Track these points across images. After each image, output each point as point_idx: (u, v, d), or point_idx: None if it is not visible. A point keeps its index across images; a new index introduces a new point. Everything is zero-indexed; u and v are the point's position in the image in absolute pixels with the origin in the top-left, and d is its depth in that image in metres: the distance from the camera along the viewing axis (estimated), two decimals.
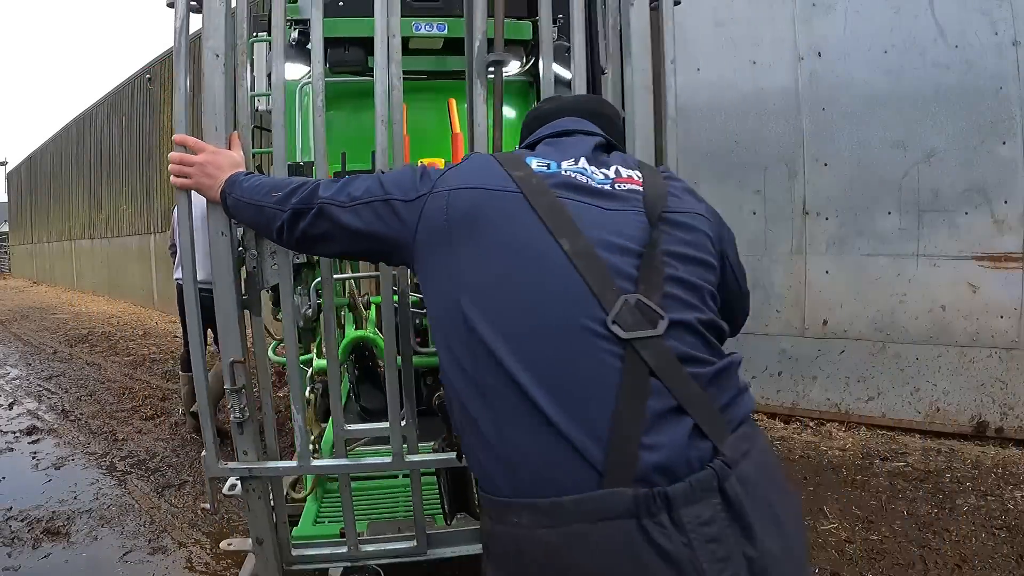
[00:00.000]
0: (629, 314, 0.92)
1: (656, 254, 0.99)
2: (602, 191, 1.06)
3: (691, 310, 0.99)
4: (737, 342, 4.76)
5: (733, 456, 0.91)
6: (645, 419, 0.89)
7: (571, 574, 0.87)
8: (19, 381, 6.43)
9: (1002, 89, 3.88)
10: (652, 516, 0.85)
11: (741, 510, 0.88)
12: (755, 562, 0.87)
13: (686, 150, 4.78)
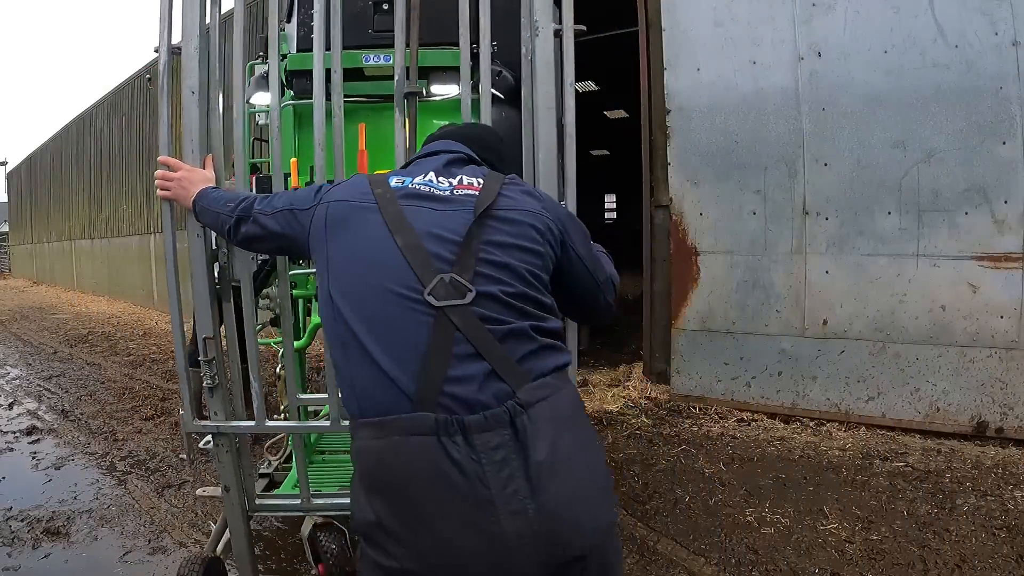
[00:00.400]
0: (443, 288, 1.23)
1: (474, 243, 1.29)
2: (441, 196, 1.37)
3: (497, 284, 1.26)
4: (736, 341, 4.74)
5: (528, 399, 1.18)
6: (449, 363, 1.18)
7: (393, 473, 1.18)
8: (19, 381, 6.43)
9: (1002, 89, 3.88)
10: (450, 436, 1.14)
11: (527, 442, 1.15)
12: (536, 484, 1.14)
13: (686, 150, 4.81)
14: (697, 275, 4.84)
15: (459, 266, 1.26)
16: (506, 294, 1.26)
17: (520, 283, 1.29)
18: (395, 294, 1.25)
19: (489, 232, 1.31)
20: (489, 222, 1.33)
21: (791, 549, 2.85)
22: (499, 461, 1.14)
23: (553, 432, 1.19)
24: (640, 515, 3.21)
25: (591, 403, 4.92)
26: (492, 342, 1.21)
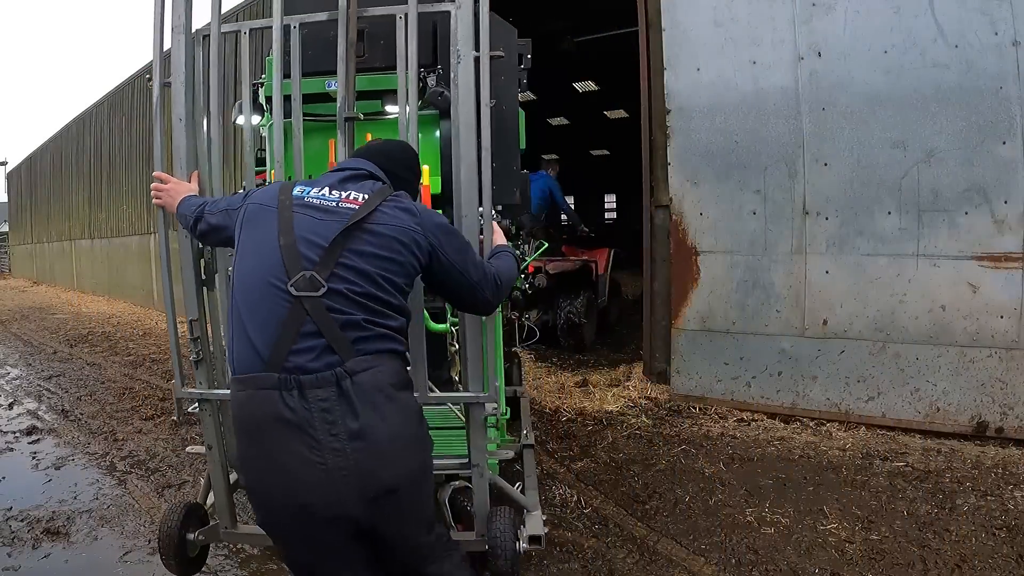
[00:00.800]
0: (303, 282, 1.57)
1: (337, 249, 1.61)
2: (326, 208, 1.68)
3: (347, 284, 1.59)
4: (736, 341, 4.76)
5: (353, 368, 1.54)
6: (295, 339, 1.54)
7: (249, 417, 1.57)
8: (19, 381, 6.43)
9: (1002, 89, 3.88)
10: (288, 391, 1.51)
11: (350, 399, 1.51)
12: (355, 431, 1.51)
13: (686, 150, 4.81)
14: (697, 275, 4.84)
15: (320, 266, 1.59)
16: (353, 292, 1.59)
17: (370, 285, 1.61)
18: (268, 283, 1.60)
19: (354, 241, 1.63)
20: (357, 233, 1.64)
21: (791, 549, 2.85)
22: (325, 411, 1.50)
23: (372, 394, 1.54)
24: (640, 515, 3.21)
25: (591, 403, 4.92)
26: (333, 326, 1.56)
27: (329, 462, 1.49)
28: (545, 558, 2.83)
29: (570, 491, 3.44)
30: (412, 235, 1.69)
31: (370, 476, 1.52)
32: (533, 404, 4.91)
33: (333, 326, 1.55)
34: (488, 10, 2.27)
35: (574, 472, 3.72)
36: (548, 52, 11.11)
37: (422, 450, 1.69)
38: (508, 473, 3.19)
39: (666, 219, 5.02)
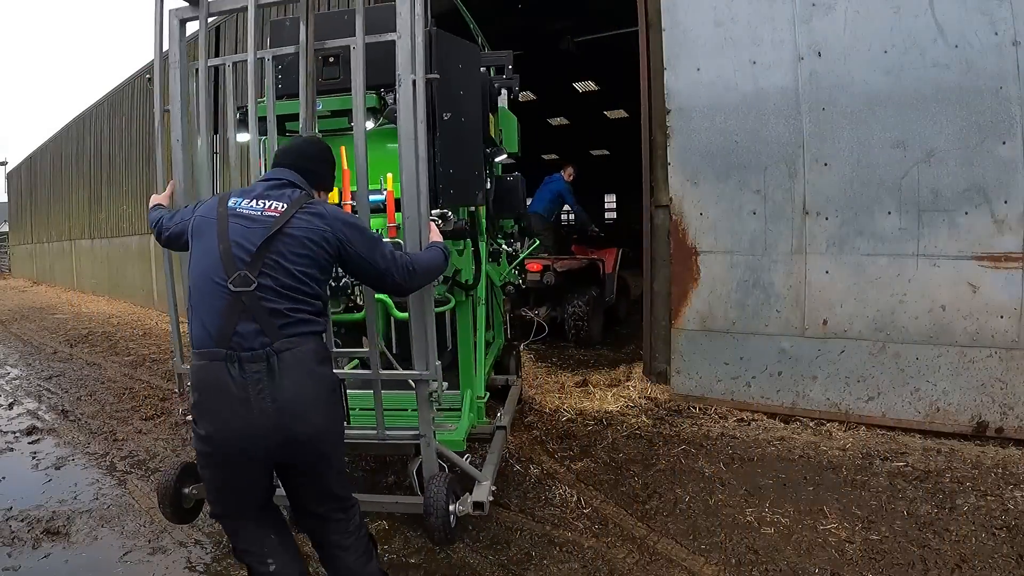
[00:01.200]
0: (239, 279, 1.98)
1: (263, 251, 2.01)
2: (253, 217, 2.07)
3: (272, 279, 1.99)
4: (736, 341, 4.80)
5: (279, 348, 1.96)
6: (236, 323, 1.96)
7: (202, 381, 1.98)
8: (19, 381, 6.43)
9: (1002, 89, 3.88)
10: (231, 363, 1.94)
11: (274, 372, 1.94)
12: (277, 396, 1.94)
13: (686, 150, 4.81)
14: (697, 275, 4.84)
15: (251, 266, 1.99)
16: (278, 285, 2.00)
17: (290, 279, 2.02)
18: (213, 281, 2.00)
19: (276, 244, 2.02)
20: (279, 237, 2.03)
21: (791, 549, 2.85)
22: (256, 379, 1.94)
23: (293, 368, 1.97)
24: (640, 515, 3.21)
25: (591, 403, 4.92)
26: (264, 313, 1.97)
27: (256, 416, 1.94)
28: (545, 558, 2.83)
29: (570, 491, 3.44)
30: (323, 235, 2.08)
31: (285, 429, 1.98)
32: (533, 403, 4.92)
33: (263, 314, 1.97)
34: (424, 41, 2.54)
35: (574, 472, 3.72)
36: (548, 52, 11.12)
37: (329, 414, 2.09)
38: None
39: (666, 219, 5.02)
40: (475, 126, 3.15)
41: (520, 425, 4.50)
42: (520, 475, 3.69)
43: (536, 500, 3.39)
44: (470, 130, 3.10)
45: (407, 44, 2.50)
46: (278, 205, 2.10)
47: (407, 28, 2.49)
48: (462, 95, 3.03)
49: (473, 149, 3.19)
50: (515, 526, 3.12)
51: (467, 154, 3.11)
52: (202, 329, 2.00)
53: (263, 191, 2.15)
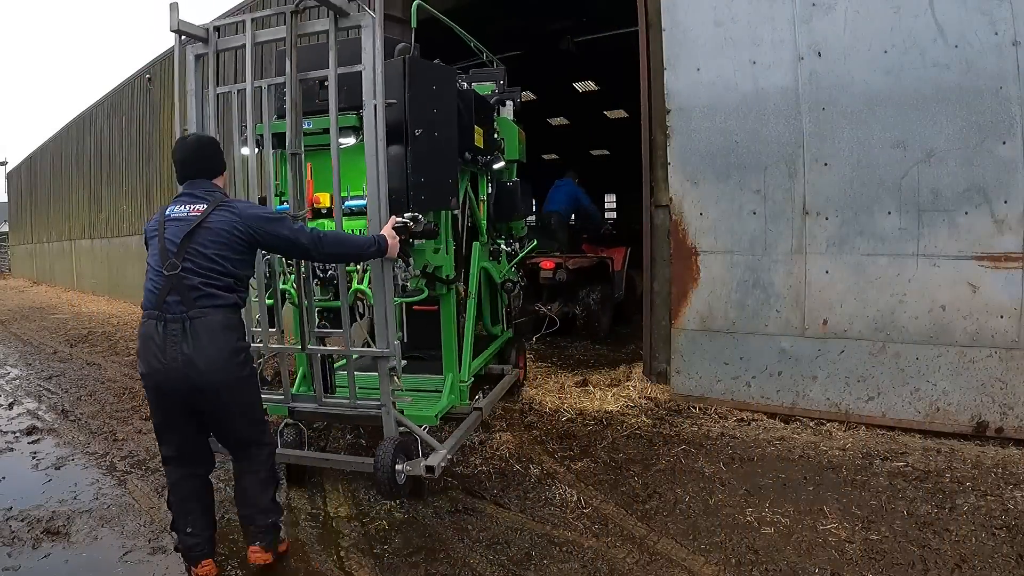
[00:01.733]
0: (170, 265, 2.55)
1: (186, 242, 2.58)
2: (180, 219, 2.64)
3: (193, 263, 2.56)
4: (736, 341, 4.82)
5: (192, 315, 2.52)
6: (167, 296, 2.54)
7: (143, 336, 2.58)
8: (19, 381, 6.43)
9: (1002, 89, 3.88)
10: (159, 322, 2.54)
11: (187, 332, 2.51)
12: (185, 352, 2.51)
13: (686, 150, 4.82)
14: (697, 275, 4.84)
15: (176, 255, 2.58)
16: (197, 267, 2.57)
17: (206, 262, 2.58)
18: (156, 269, 2.62)
19: (196, 237, 2.60)
20: (198, 231, 2.60)
21: (791, 549, 2.85)
22: (173, 336, 2.53)
23: (201, 331, 2.53)
24: (640, 515, 3.21)
25: (591, 403, 4.92)
26: (184, 289, 2.54)
27: (169, 367, 2.53)
28: (545, 558, 2.83)
29: (570, 491, 3.45)
30: (234, 225, 2.64)
31: (190, 380, 2.54)
32: (533, 403, 4.92)
33: (184, 289, 2.55)
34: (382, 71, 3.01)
35: (574, 472, 3.72)
36: (548, 52, 11.12)
37: (229, 371, 2.59)
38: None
39: (666, 219, 5.02)
40: (449, 140, 3.60)
41: (520, 425, 4.50)
42: (520, 475, 3.69)
43: (536, 500, 3.39)
44: (443, 143, 3.54)
45: (370, 75, 3.00)
46: (200, 206, 2.67)
47: (371, 61, 3.00)
48: (435, 112, 3.47)
49: (446, 160, 3.59)
50: (515, 526, 3.12)
51: (439, 165, 3.51)
52: (147, 299, 2.62)
53: (189, 199, 2.72)
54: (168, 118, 11.13)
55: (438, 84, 3.52)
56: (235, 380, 2.63)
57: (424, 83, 3.41)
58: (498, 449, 4.02)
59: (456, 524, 3.16)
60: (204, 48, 3.45)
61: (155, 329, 2.55)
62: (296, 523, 3.25)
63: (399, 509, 3.31)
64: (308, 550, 2.99)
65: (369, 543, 3.01)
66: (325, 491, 3.59)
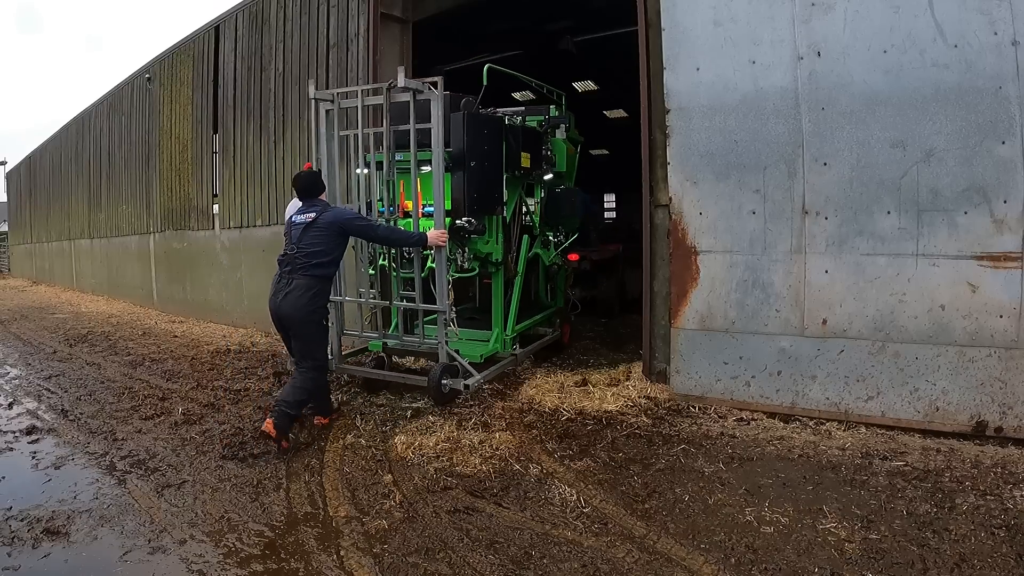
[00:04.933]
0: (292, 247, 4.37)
1: (303, 234, 4.33)
2: (298, 222, 4.39)
3: (305, 248, 4.30)
4: (736, 341, 4.84)
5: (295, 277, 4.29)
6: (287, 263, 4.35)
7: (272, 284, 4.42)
8: (19, 381, 6.43)
9: (1001, 89, 3.88)
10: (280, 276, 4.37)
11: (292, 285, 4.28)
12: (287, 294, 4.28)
13: (686, 149, 4.82)
14: (696, 274, 4.84)
15: (296, 242, 4.31)
16: (305, 250, 4.27)
17: (311, 247, 4.27)
18: (286, 252, 4.36)
19: (308, 232, 4.31)
20: (310, 228, 4.31)
21: (790, 548, 2.85)
22: (283, 285, 4.29)
23: (298, 286, 4.23)
24: (640, 514, 3.21)
25: (591, 403, 4.91)
26: (297, 261, 4.28)
27: (280, 302, 4.25)
28: (545, 557, 2.83)
29: (570, 490, 3.45)
30: (330, 222, 4.33)
31: (281, 311, 4.28)
32: (533, 403, 4.93)
33: (297, 261, 4.25)
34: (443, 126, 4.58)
35: (574, 471, 3.72)
36: (548, 52, 11.11)
37: (303, 314, 4.26)
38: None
39: (665, 219, 5.02)
40: (495, 167, 5.17)
41: (520, 425, 4.51)
42: (520, 475, 3.69)
43: (536, 499, 3.39)
44: (491, 170, 5.09)
45: (437, 130, 4.59)
46: (312, 214, 4.37)
47: (437, 121, 4.57)
48: (485, 149, 4.98)
49: (493, 182, 5.15)
50: (515, 525, 3.12)
51: (487, 185, 5.06)
52: (279, 264, 4.38)
53: (305, 209, 4.44)
54: (168, 118, 11.13)
55: (488, 129, 5.04)
56: (302, 319, 4.28)
57: (478, 130, 4.89)
58: (498, 449, 4.03)
59: (456, 523, 3.16)
60: (330, 106, 5.08)
61: (277, 280, 4.34)
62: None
63: (399, 508, 3.32)
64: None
65: (369, 542, 3.02)
66: (325, 491, 3.59)
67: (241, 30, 9.14)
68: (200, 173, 10.27)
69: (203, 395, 5.52)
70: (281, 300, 4.24)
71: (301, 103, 8.09)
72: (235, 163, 9.29)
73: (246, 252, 9.22)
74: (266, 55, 8.67)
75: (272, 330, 5.76)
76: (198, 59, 10.26)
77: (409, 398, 5.16)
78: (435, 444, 4.11)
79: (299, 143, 8.15)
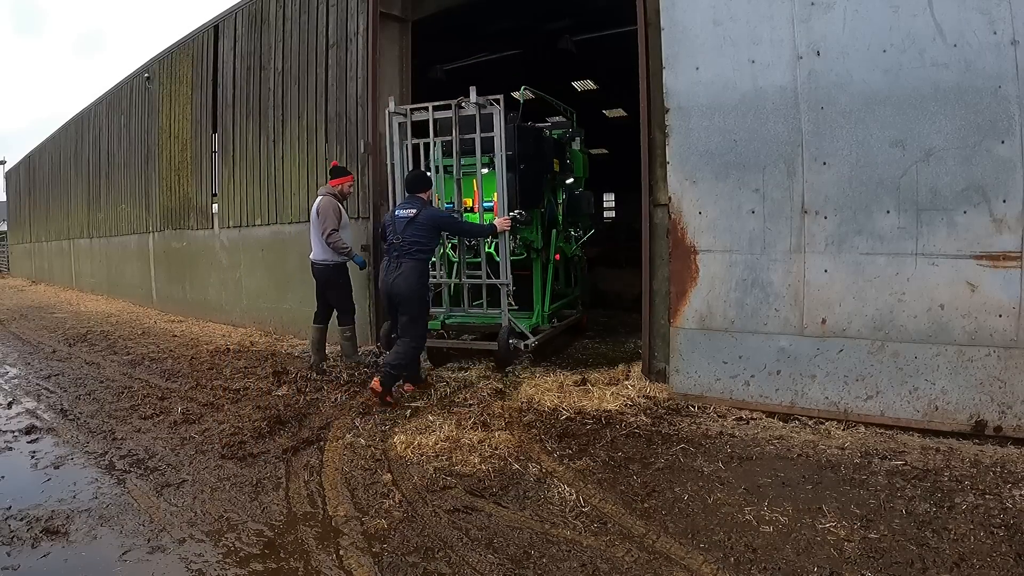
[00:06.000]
0: (399, 237, 5.28)
1: (407, 227, 5.25)
2: (401, 217, 5.33)
3: (409, 237, 5.23)
4: (735, 340, 4.85)
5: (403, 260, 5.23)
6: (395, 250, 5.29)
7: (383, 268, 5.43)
8: (18, 380, 6.42)
9: (1000, 88, 3.88)
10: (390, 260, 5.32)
11: (400, 267, 5.23)
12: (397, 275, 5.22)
13: (685, 149, 4.82)
14: (696, 274, 4.84)
15: (401, 233, 5.24)
16: (410, 238, 5.21)
17: (414, 238, 5.22)
18: (390, 240, 5.32)
19: (411, 225, 5.23)
20: (412, 223, 5.23)
21: (790, 547, 2.85)
22: (397, 268, 5.21)
23: (407, 268, 5.18)
24: (639, 513, 3.21)
25: (590, 402, 4.92)
26: (404, 247, 5.21)
27: (390, 277, 5.21)
28: (544, 556, 2.84)
29: (569, 490, 3.45)
30: (428, 219, 5.25)
31: (393, 288, 5.20)
32: (532, 402, 4.94)
33: (404, 247, 5.20)
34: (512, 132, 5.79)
35: (573, 471, 3.72)
36: (547, 51, 11.11)
37: (411, 291, 5.15)
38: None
39: (665, 218, 5.02)
40: (538, 170, 6.35)
41: (519, 424, 4.51)
42: (519, 474, 3.70)
43: (535, 499, 3.39)
44: (535, 171, 6.25)
45: (499, 139, 5.59)
46: (413, 210, 5.24)
47: (498, 131, 5.58)
48: (531, 154, 6.13)
49: (536, 181, 6.36)
50: (514, 525, 3.12)
51: (533, 183, 6.23)
52: (387, 252, 5.30)
53: (406, 203, 5.37)
54: (167, 117, 11.13)
55: (533, 138, 6.29)
56: (408, 297, 5.17)
57: (526, 139, 6.09)
58: (497, 448, 4.03)
59: (455, 523, 3.16)
60: (404, 119, 6.05)
61: (387, 264, 5.29)
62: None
63: (398, 508, 3.32)
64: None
65: (368, 542, 3.02)
66: (324, 490, 3.59)
67: (240, 29, 9.14)
68: (199, 172, 10.27)
69: (202, 394, 5.52)
70: (392, 280, 5.16)
71: (300, 102, 8.09)
72: (234, 162, 9.29)
73: (245, 251, 9.22)
74: (265, 54, 8.67)
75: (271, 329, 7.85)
76: (197, 58, 10.26)
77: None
78: (434, 443, 4.11)
79: (299, 142, 8.15)
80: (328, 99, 7.69)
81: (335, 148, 7.60)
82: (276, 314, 8.48)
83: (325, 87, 7.72)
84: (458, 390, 5.42)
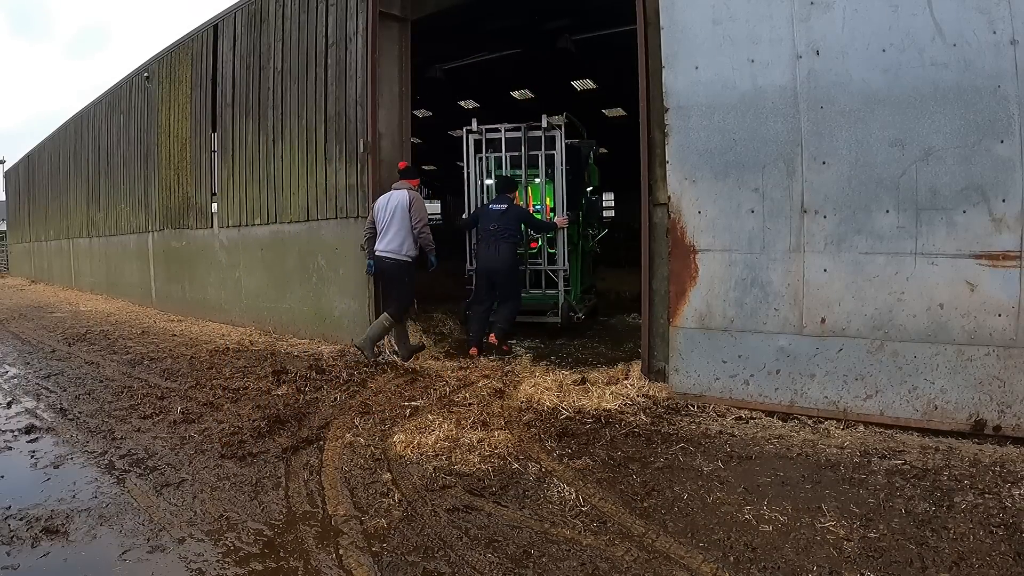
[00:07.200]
0: (494, 225, 6.98)
1: (501, 217, 6.99)
2: (494, 210, 7.09)
3: (502, 226, 6.96)
4: (735, 339, 4.85)
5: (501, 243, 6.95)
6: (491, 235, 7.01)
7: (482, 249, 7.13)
8: (17, 380, 6.42)
9: (1000, 88, 3.88)
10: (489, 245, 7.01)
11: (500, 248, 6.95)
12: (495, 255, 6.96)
13: (684, 148, 4.82)
14: (695, 273, 4.84)
15: (496, 222, 6.95)
16: (503, 228, 6.94)
17: (507, 226, 6.96)
18: (487, 228, 7.02)
19: (504, 216, 6.97)
20: (504, 215, 6.97)
21: (789, 547, 2.86)
22: (497, 249, 6.92)
23: (504, 250, 6.92)
24: (639, 513, 3.22)
25: (590, 401, 4.92)
26: (500, 234, 6.92)
27: (492, 260, 6.90)
28: (544, 556, 2.84)
29: (568, 489, 3.45)
30: (516, 214, 7.09)
31: (493, 266, 6.92)
32: (532, 401, 4.94)
33: (500, 233, 6.88)
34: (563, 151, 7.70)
35: (573, 470, 3.73)
36: (546, 50, 11.11)
37: (508, 268, 6.93)
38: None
39: (664, 217, 5.02)
40: (581, 178, 8.37)
41: (518, 423, 4.51)
42: (519, 473, 3.70)
43: (535, 498, 3.39)
44: (579, 180, 8.22)
45: (559, 155, 7.64)
46: (504, 205, 6.97)
47: (559, 149, 7.64)
48: (578, 166, 8.13)
49: (578, 189, 8.20)
50: (514, 524, 3.13)
51: (576, 188, 8.13)
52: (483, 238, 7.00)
53: (498, 199, 7.13)
54: (166, 117, 11.12)
55: (574, 153, 8.11)
56: (506, 272, 6.82)
57: (576, 154, 8.13)
58: (497, 447, 4.03)
59: (455, 522, 3.16)
60: (479, 136, 7.89)
61: (487, 248, 6.80)
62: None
63: (398, 507, 3.32)
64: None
65: (368, 541, 3.02)
66: (324, 489, 3.60)
67: (240, 29, 9.13)
68: (199, 172, 10.27)
69: (202, 394, 5.52)
70: (493, 259, 6.78)
71: (300, 102, 8.08)
72: (234, 162, 9.28)
73: (245, 251, 9.21)
74: (265, 54, 8.66)
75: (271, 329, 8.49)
76: (197, 58, 10.25)
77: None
78: (434, 443, 4.11)
79: (298, 142, 8.14)
80: (328, 98, 7.69)
81: (334, 147, 7.60)
82: (275, 314, 8.49)
83: (324, 86, 7.72)
84: (458, 389, 5.37)
